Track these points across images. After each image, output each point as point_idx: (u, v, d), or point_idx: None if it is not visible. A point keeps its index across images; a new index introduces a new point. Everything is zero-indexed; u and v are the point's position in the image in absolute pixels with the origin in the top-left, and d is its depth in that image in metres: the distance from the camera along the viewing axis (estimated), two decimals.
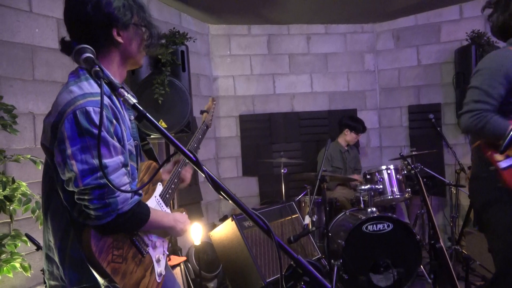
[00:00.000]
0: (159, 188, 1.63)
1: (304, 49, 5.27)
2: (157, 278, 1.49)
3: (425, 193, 3.41)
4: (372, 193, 3.71)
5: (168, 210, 1.64)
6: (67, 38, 1.37)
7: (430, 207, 3.46)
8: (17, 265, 2.27)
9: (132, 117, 1.48)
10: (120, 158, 1.30)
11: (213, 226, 4.31)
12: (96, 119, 1.22)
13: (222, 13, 4.66)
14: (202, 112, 2.18)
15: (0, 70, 2.66)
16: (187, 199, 4.25)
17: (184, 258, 3.33)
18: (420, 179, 2.95)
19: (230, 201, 1.05)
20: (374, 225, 3.44)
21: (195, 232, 3.86)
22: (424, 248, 3.88)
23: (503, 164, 1.88)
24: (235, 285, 3.27)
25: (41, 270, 2.24)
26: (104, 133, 1.24)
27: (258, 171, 5.02)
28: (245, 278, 3.11)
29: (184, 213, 1.70)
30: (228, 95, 5.06)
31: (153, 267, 1.49)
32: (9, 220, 2.38)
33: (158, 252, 1.53)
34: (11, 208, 2.28)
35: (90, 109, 1.22)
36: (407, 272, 3.40)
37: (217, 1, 4.19)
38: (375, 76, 5.45)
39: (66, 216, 1.35)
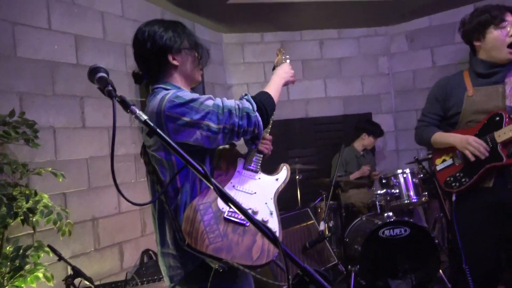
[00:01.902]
0: (241, 161, 1.72)
1: (318, 54, 5.29)
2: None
3: (441, 197, 3.39)
4: (389, 198, 3.69)
5: (259, 176, 1.73)
6: (137, 71, 1.65)
7: (447, 210, 3.43)
8: (40, 275, 2.35)
9: None
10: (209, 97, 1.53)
11: None
12: (185, 94, 1.47)
13: (235, 22, 4.73)
14: (274, 68, 2.12)
15: (22, 86, 2.77)
16: None
17: None
18: (436, 182, 2.93)
19: (238, 211, 1.09)
20: (391, 230, 3.42)
21: None
22: (444, 251, 3.83)
23: (439, 167, 2.37)
24: None
25: (63, 280, 2.32)
26: (195, 96, 1.48)
27: None
28: (261, 282, 3.13)
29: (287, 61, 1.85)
30: None
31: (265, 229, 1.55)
32: (32, 231, 2.47)
33: (261, 215, 1.60)
34: (34, 219, 2.37)
35: (177, 93, 1.47)
36: (427, 277, 3.36)
37: (229, 11, 4.26)
38: (390, 79, 5.43)
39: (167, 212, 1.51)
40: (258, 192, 1.69)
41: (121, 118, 3.41)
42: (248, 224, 1.51)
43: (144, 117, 1.14)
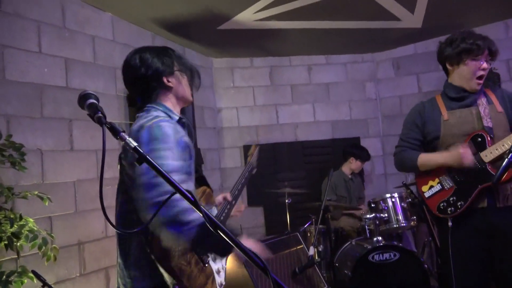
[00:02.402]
0: (214, 210, 1.78)
1: (306, 79, 5.37)
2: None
3: (429, 221, 3.40)
4: (378, 222, 3.69)
5: None
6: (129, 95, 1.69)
7: (435, 235, 3.44)
8: None
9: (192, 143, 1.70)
10: (181, 163, 1.48)
11: None
12: (168, 130, 1.47)
13: (225, 47, 4.79)
14: (246, 157, 2.36)
15: (10, 109, 2.75)
16: None
17: None
18: (424, 207, 2.94)
19: (227, 240, 1.08)
20: (381, 255, 3.41)
21: None
22: (433, 276, 3.82)
23: (427, 193, 2.33)
24: None
25: None
26: (171, 140, 1.46)
27: (263, 201, 5.03)
28: None
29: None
30: (232, 126, 5.13)
31: (213, 278, 1.59)
32: (16, 256, 2.41)
33: (218, 265, 1.64)
34: (18, 244, 2.32)
35: (163, 124, 1.49)
36: None
37: (219, 36, 4.32)
38: (377, 104, 5.52)
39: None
40: None
41: (109, 140, 3.39)
42: (206, 265, 1.57)
43: (134, 143, 1.14)
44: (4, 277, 2.25)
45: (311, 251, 3.30)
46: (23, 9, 2.89)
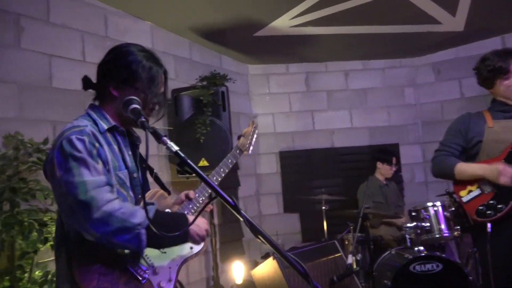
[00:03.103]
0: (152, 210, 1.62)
1: (343, 85, 5.30)
2: None
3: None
4: (419, 231, 3.56)
5: None
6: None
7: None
8: None
9: (130, 152, 1.58)
10: (101, 178, 1.36)
11: (255, 263, 4.28)
12: (79, 144, 1.35)
13: (261, 54, 4.81)
14: (238, 137, 2.16)
15: (56, 115, 2.87)
16: (229, 236, 4.27)
17: None
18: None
19: (268, 245, 1.07)
20: (422, 265, 3.29)
21: (237, 270, 3.85)
22: None
23: (465, 198, 2.32)
24: None
25: None
26: (83, 155, 1.35)
27: (299, 207, 4.98)
28: None
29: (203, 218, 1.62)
30: (268, 132, 5.13)
31: None
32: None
33: (160, 278, 1.50)
34: None
35: (73, 137, 1.36)
36: None
37: (255, 43, 4.35)
38: (416, 109, 5.37)
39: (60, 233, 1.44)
40: (168, 252, 1.58)
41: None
42: (144, 282, 1.44)
43: (175, 148, 1.16)
44: (50, 276, 2.33)
45: (350, 259, 3.23)
46: (69, 20, 3.02)
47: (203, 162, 3.48)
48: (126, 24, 3.48)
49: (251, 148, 2.09)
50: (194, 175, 1.10)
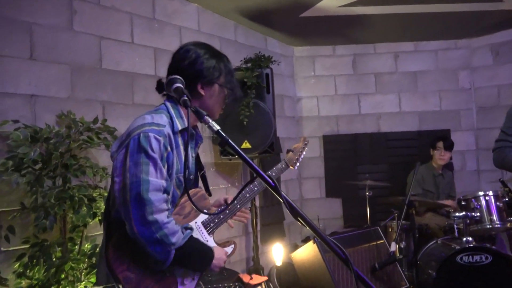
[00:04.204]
0: (201, 217, 1.67)
1: (392, 68, 5.11)
2: None
3: None
4: (468, 221, 3.41)
5: (210, 239, 1.67)
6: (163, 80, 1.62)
7: None
8: None
9: (194, 155, 1.65)
10: (163, 182, 1.44)
11: (295, 246, 4.29)
12: (154, 144, 1.42)
13: (307, 35, 4.72)
14: (287, 151, 2.14)
15: (105, 96, 2.97)
16: (270, 218, 4.29)
17: (265, 278, 3.35)
18: None
19: (308, 228, 1.05)
20: (470, 256, 3.16)
21: (277, 253, 3.88)
22: None
23: None
24: None
25: None
26: (155, 156, 1.42)
27: (342, 192, 4.91)
28: None
29: (231, 246, 1.71)
30: (312, 116, 5.06)
31: None
32: None
33: (184, 276, 1.55)
34: None
35: (151, 135, 1.42)
36: None
37: (301, 24, 4.26)
38: (471, 94, 5.08)
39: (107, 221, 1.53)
40: None
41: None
42: (168, 276, 1.50)
43: (217, 127, 1.16)
44: (98, 249, 2.45)
45: (393, 247, 3.15)
46: (118, 2, 3.09)
47: (246, 144, 3.49)
48: (173, 7, 3.52)
49: (297, 164, 2.08)
50: (236, 157, 1.10)
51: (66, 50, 2.77)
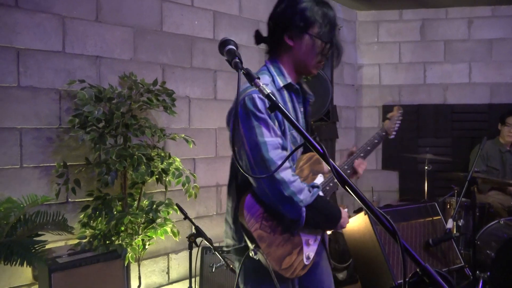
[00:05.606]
0: (320, 179, 1.67)
1: (464, 35, 4.73)
2: (304, 260, 1.55)
3: None
4: None
5: None
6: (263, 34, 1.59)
7: None
8: (169, 229, 2.60)
9: (302, 109, 1.65)
10: (278, 140, 1.45)
11: None
12: (260, 104, 1.42)
13: None
14: (384, 119, 2.13)
15: (165, 58, 3.04)
16: None
17: None
18: None
19: (355, 197, 1.03)
20: None
21: None
22: None
23: None
24: (365, 280, 3.18)
25: (186, 237, 2.53)
26: (264, 116, 1.43)
27: (399, 165, 4.75)
28: (376, 275, 3.01)
29: (345, 209, 1.71)
30: (372, 84, 4.87)
31: (301, 248, 1.55)
32: (164, 190, 2.74)
33: (309, 236, 1.58)
34: (166, 180, 2.62)
35: (255, 95, 1.42)
36: None
37: None
38: None
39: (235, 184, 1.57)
40: None
41: None
42: (295, 235, 1.52)
43: (268, 90, 1.14)
44: (155, 206, 2.58)
45: (450, 224, 3.02)
46: None
47: None
48: None
49: (394, 133, 2.05)
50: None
51: (129, 12, 2.84)
